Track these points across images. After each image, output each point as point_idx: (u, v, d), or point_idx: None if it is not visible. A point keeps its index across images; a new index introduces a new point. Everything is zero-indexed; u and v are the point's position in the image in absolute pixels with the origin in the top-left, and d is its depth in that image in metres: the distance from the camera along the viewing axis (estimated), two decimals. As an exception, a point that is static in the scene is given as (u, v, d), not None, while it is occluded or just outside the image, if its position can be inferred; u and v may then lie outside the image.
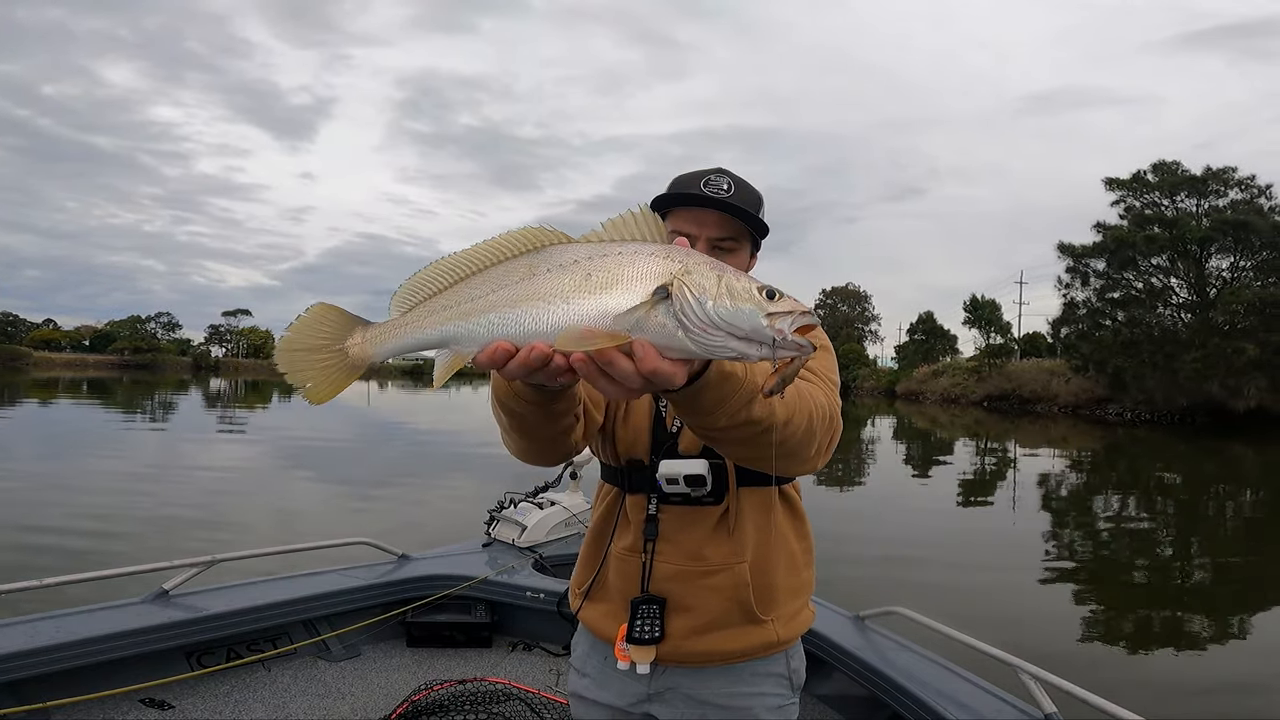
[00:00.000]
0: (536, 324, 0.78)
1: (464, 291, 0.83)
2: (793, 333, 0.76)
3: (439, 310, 0.83)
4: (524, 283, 0.79)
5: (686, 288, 0.76)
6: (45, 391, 35.50)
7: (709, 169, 1.33)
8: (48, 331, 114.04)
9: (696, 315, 0.75)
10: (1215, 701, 4.49)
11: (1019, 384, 42.45)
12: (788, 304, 0.78)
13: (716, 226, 1.30)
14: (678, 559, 1.30)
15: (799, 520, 1.39)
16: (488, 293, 0.81)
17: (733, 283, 0.77)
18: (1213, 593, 7.06)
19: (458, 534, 4.34)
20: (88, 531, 7.29)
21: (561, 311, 0.77)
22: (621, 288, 0.77)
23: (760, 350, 0.77)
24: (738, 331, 0.76)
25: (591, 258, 0.79)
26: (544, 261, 0.80)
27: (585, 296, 0.77)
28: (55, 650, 2.33)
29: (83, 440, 15.78)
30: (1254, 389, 30.07)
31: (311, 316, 0.88)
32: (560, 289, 0.78)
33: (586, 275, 0.77)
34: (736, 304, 0.76)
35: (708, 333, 0.75)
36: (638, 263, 0.78)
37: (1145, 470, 16.98)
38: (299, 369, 0.87)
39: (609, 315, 0.76)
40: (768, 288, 0.79)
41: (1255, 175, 34.03)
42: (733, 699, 1.31)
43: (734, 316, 0.75)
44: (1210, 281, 33.92)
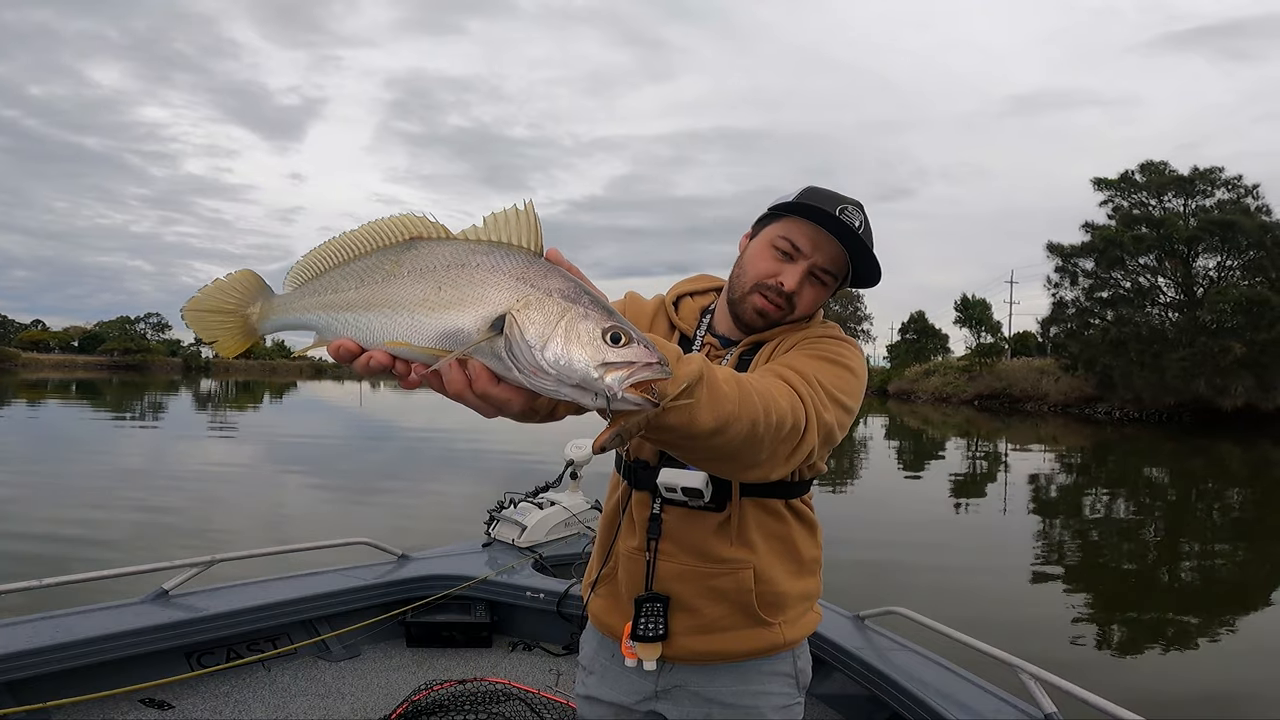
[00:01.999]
0: (382, 332, 0.77)
1: (334, 280, 0.83)
2: (626, 389, 0.71)
3: (311, 294, 0.84)
4: (382, 285, 0.79)
5: (517, 326, 0.72)
6: (34, 393, 35.18)
7: (848, 197, 1.28)
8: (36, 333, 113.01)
9: (525, 358, 0.72)
10: (1210, 699, 4.53)
11: (1009, 383, 42.66)
12: (629, 353, 0.72)
13: (828, 256, 1.27)
14: (681, 559, 1.30)
15: (809, 528, 1.39)
16: (352, 287, 0.81)
17: (576, 323, 0.72)
18: (1202, 590, 7.13)
19: (455, 534, 4.35)
20: (82, 534, 7.23)
21: (405, 324, 0.76)
22: (462, 310, 0.74)
23: (595, 402, 0.73)
24: (568, 380, 0.71)
25: (450, 267, 0.76)
26: (409, 261, 0.79)
27: (428, 313, 0.75)
28: (55, 650, 2.32)
29: (73, 442, 15.64)
30: (1240, 388, 30.35)
31: (230, 280, 0.90)
32: (410, 299, 0.77)
33: (437, 288, 0.76)
34: (569, 350, 0.71)
35: (538, 376, 0.72)
36: (488, 284, 0.74)
37: (1134, 468, 17.10)
38: (206, 326, 0.90)
39: (447, 337, 0.74)
40: (615, 329, 0.73)
41: (1242, 175, 34.40)
42: (739, 697, 1.31)
43: (564, 364, 0.71)
44: (1197, 281, 34.19)
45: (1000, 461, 17.75)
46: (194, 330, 0.91)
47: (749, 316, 1.31)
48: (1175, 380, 30.95)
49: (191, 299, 0.90)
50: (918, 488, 13.08)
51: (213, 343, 0.91)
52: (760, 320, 1.31)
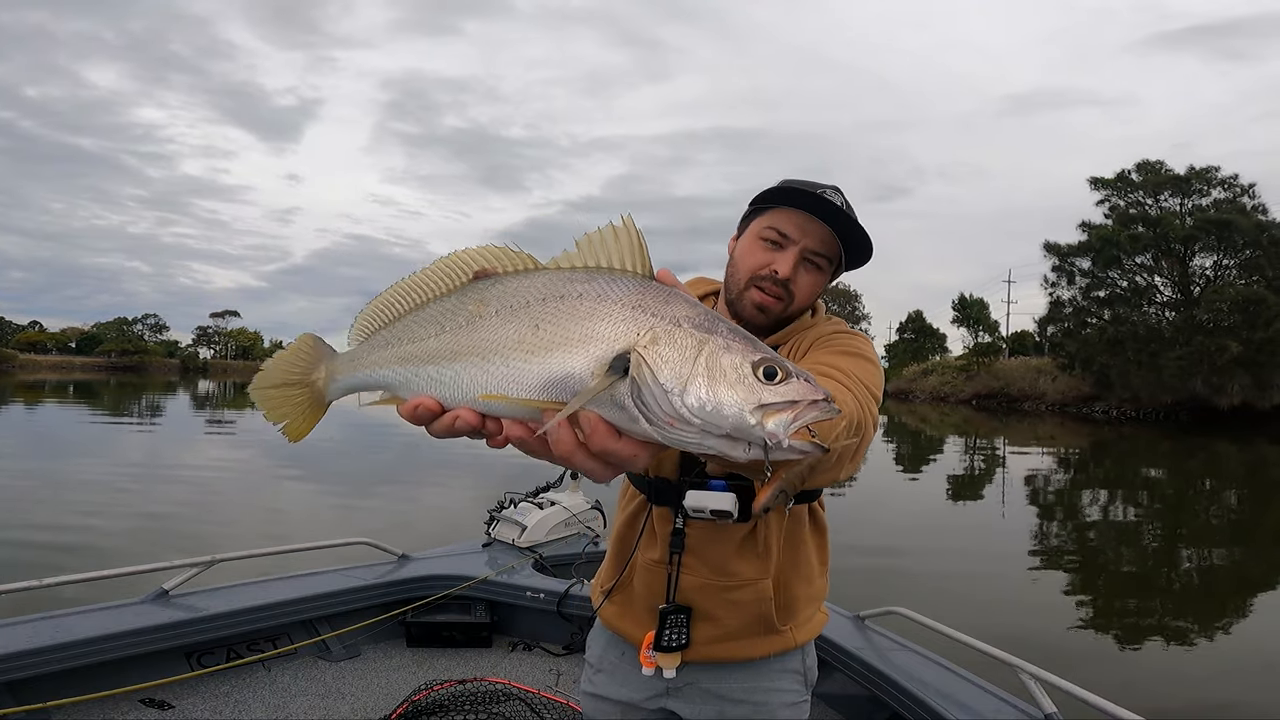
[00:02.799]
0: (471, 385, 0.65)
1: (408, 328, 0.72)
2: (792, 436, 0.60)
3: (382, 346, 0.74)
4: (466, 329, 0.67)
5: (648, 367, 0.59)
6: (32, 394, 35.11)
7: (824, 183, 1.27)
8: (34, 334, 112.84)
9: (660, 406, 0.58)
10: (1209, 697, 4.54)
11: (1007, 382, 42.75)
12: (791, 390, 0.60)
13: (819, 239, 1.24)
14: (703, 573, 1.30)
15: (820, 532, 1.39)
16: (430, 335, 0.70)
17: (717, 357, 0.60)
18: (1200, 589, 7.15)
19: (455, 534, 4.34)
20: (81, 534, 7.21)
21: (499, 374, 0.64)
22: (569, 351, 0.62)
23: (749, 453, 0.60)
24: (715, 429, 0.59)
25: (546, 300, 0.64)
26: (494, 299, 0.67)
27: (527, 358, 0.63)
28: (55, 650, 2.32)
29: (71, 443, 15.62)
30: (1237, 386, 30.44)
31: (290, 351, 0.82)
32: (502, 343, 0.65)
33: (535, 326, 0.63)
34: (716, 391, 0.58)
35: (677, 427, 0.59)
36: (596, 316, 0.62)
37: (1131, 467, 17.13)
38: (274, 405, 0.81)
39: (553, 386, 0.62)
40: (769, 361, 0.61)
41: (1238, 174, 34.51)
42: (750, 694, 1.32)
43: (711, 410, 0.58)
44: (1194, 280, 34.28)
45: (998, 461, 17.78)
46: (264, 412, 0.82)
47: (749, 313, 1.29)
48: (1172, 379, 31.03)
49: (257, 375, 0.82)
50: (916, 487, 13.10)
51: (282, 424, 0.81)
52: (761, 315, 1.29)
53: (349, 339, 0.79)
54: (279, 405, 0.81)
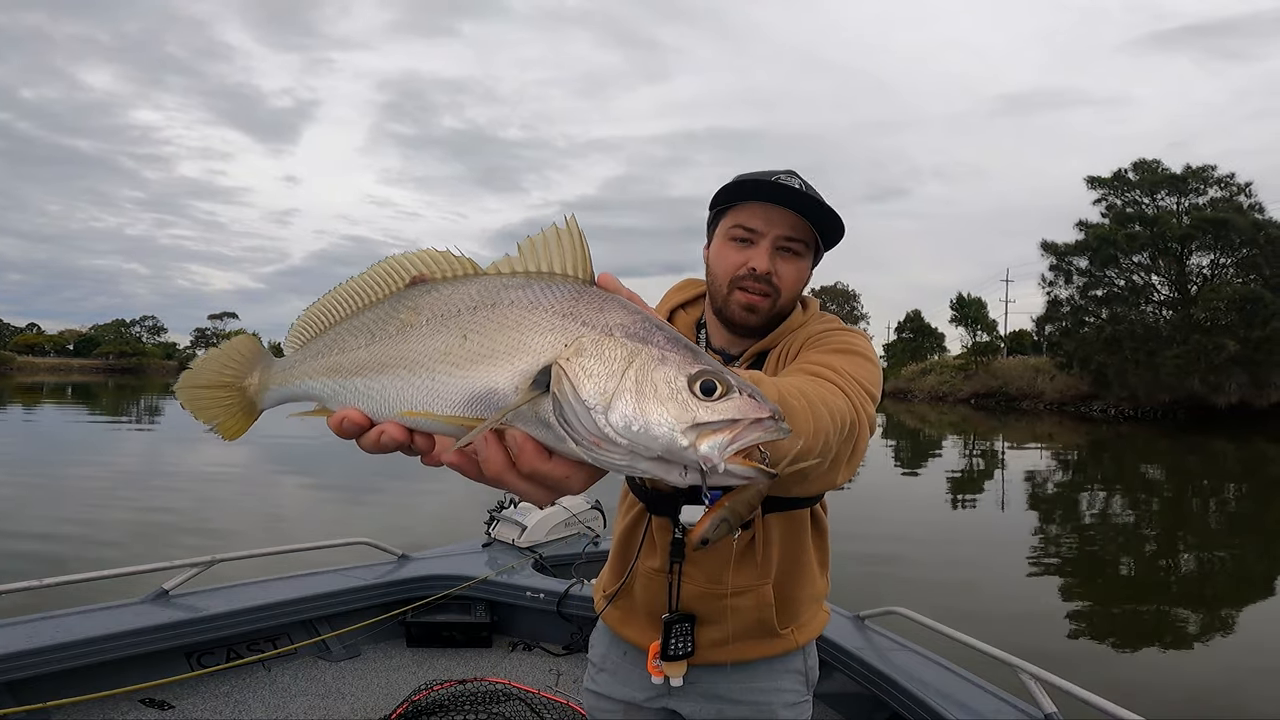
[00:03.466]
0: (397, 399, 0.61)
1: (340, 337, 0.69)
2: (733, 459, 0.53)
3: (314, 356, 0.70)
4: (397, 338, 0.63)
5: (569, 381, 0.54)
6: (30, 396, 35.05)
7: (779, 169, 1.24)
8: (31, 336, 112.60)
9: (583, 425, 0.53)
10: (1207, 695, 4.55)
11: (1005, 381, 42.77)
12: (730, 407, 0.54)
13: (787, 225, 1.21)
14: (704, 581, 1.30)
15: (822, 534, 1.39)
16: (360, 345, 0.66)
17: (649, 370, 0.54)
18: (1199, 587, 7.16)
19: (455, 534, 4.34)
20: (81, 535, 7.22)
21: (424, 387, 0.60)
22: (494, 364, 0.57)
23: (685, 476, 0.54)
24: (645, 451, 0.53)
25: (477, 308, 0.60)
26: (428, 306, 0.63)
27: (451, 370, 0.59)
28: (55, 650, 2.32)
29: (71, 445, 15.59)
30: (1234, 385, 30.49)
31: (224, 351, 0.78)
32: (429, 354, 0.61)
33: (463, 336, 0.59)
34: (644, 409, 0.53)
35: (603, 448, 0.53)
36: (524, 326, 0.58)
37: (1129, 466, 17.15)
38: (202, 406, 0.77)
39: (478, 401, 0.57)
40: (707, 375, 0.55)
41: (1235, 173, 34.57)
42: (751, 694, 1.33)
43: (638, 430, 0.53)
44: (1191, 279, 34.33)
45: (997, 460, 17.80)
46: (190, 412, 0.78)
47: (738, 316, 1.27)
48: (1170, 378, 31.07)
49: (184, 374, 0.78)
50: (915, 487, 13.11)
51: (212, 425, 0.77)
52: (751, 316, 1.26)
53: (284, 345, 0.75)
54: (208, 406, 0.77)
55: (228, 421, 0.77)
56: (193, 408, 0.78)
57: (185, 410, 0.79)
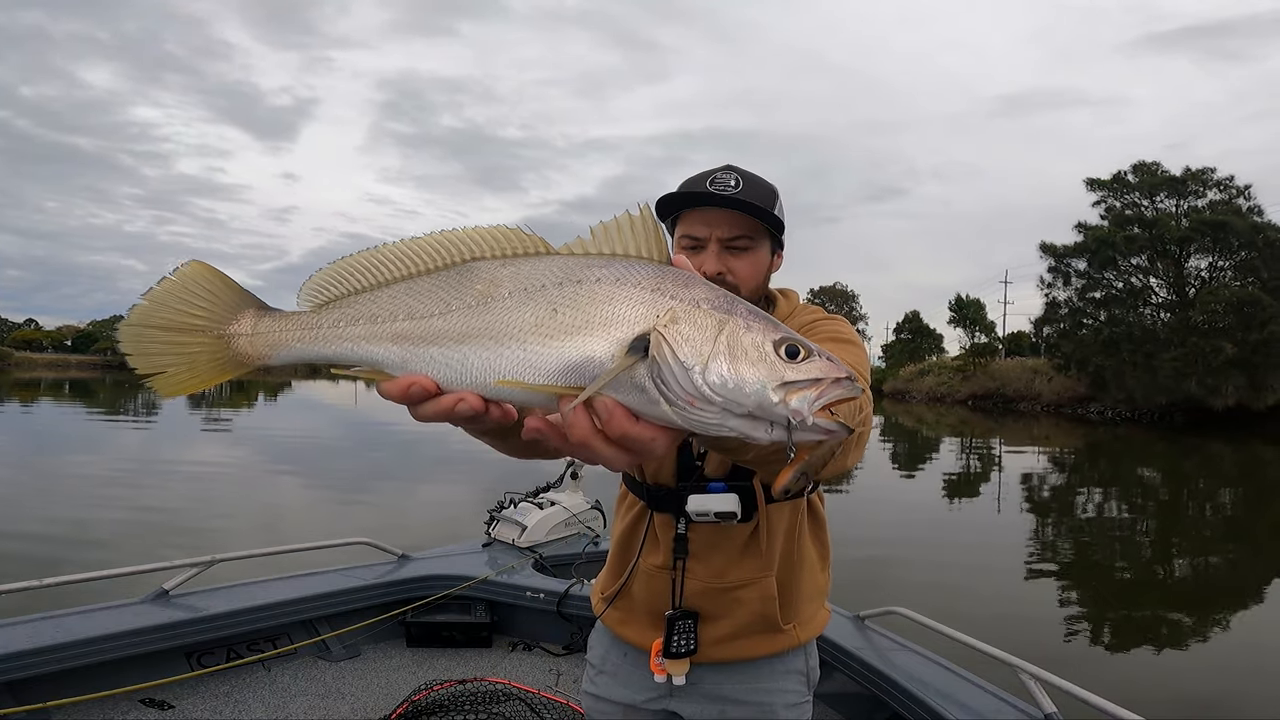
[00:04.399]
0: (482, 369, 0.62)
1: (402, 302, 0.66)
2: (816, 413, 0.58)
3: (367, 320, 0.66)
4: (478, 309, 0.63)
5: (668, 346, 0.58)
6: (28, 392, 34.99)
7: (716, 168, 1.28)
8: (29, 332, 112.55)
9: (680, 385, 0.57)
10: (1205, 695, 4.56)
11: (1003, 383, 42.80)
12: (814, 367, 0.59)
13: (727, 225, 1.24)
14: (707, 576, 1.30)
15: (819, 526, 1.40)
16: (433, 314, 0.64)
17: (738, 336, 0.59)
18: (1195, 589, 7.18)
19: (455, 534, 4.34)
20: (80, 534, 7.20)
21: (515, 358, 0.61)
22: (590, 335, 0.60)
23: (770, 433, 0.59)
24: (737, 408, 0.58)
25: (563, 284, 0.62)
26: (508, 280, 0.64)
27: (545, 342, 0.61)
28: (55, 650, 2.32)
29: (68, 442, 15.57)
30: (1232, 387, 30.50)
31: (184, 283, 0.67)
32: (518, 326, 0.62)
33: (552, 310, 0.61)
34: (738, 369, 0.57)
35: (697, 407, 0.57)
36: (616, 300, 0.61)
37: (1127, 468, 17.18)
38: (152, 351, 0.66)
39: (573, 371, 0.60)
40: (790, 341, 0.60)
41: (1234, 176, 34.61)
42: (752, 695, 1.33)
43: (732, 388, 0.57)
44: (1189, 281, 34.37)
45: (995, 461, 17.82)
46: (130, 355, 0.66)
47: None
48: (1167, 380, 31.10)
49: (136, 310, 0.67)
50: (914, 487, 13.13)
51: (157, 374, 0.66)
52: None
53: (299, 299, 0.69)
54: (160, 353, 0.67)
55: (182, 374, 0.67)
56: (136, 350, 0.66)
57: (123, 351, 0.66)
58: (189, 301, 0.67)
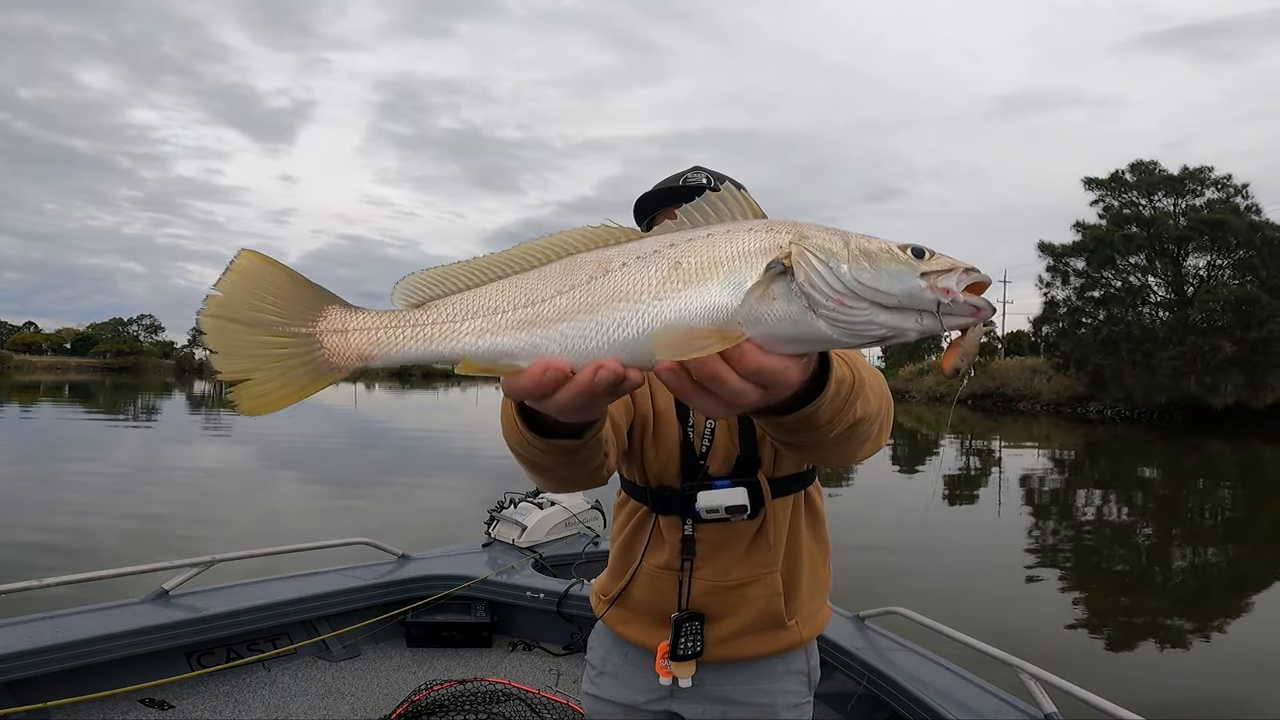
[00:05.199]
0: (622, 331, 0.60)
1: (516, 292, 0.63)
2: (963, 291, 0.60)
3: (484, 314, 0.63)
4: (596, 281, 0.61)
5: (810, 254, 0.59)
6: (27, 395, 34.96)
7: (685, 169, 1.33)
8: (28, 334, 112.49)
9: (829, 286, 0.58)
10: (1203, 694, 4.56)
11: (1002, 382, 42.77)
12: (943, 260, 0.61)
13: None
14: (714, 575, 1.30)
15: (818, 520, 1.40)
16: (551, 295, 0.62)
17: (863, 244, 0.61)
18: (1195, 587, 7.18)
19: (455, 534, 4.34)
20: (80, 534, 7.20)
21: (653, 311, 0.59)
22: (723, 272, 0.59)
23: (921, 321, 0.60)
24: (887, 299, 0.59)
25: (675, 245, 0.62)
26: (617, 256, 0.62)
27: (679, 290, 0.59)
28: (55, 650, 2.32)
29: (69, 444, 15.56)
30: (1230, 386, 30.51)
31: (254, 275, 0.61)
32: (645, 285, 0.60)
33: (675, 264, 0.60)
34: (878, 265, 0.59)
35: (846, 306, 0.58)
36: (736, 240, 0.61)
37: (1126, 467, 17.18)
38: (235, 351, 0.59)
39: (715, 309, 0.59)
40: (913, 245, 0.62)
41: (1231, 175, 34.61)
42: (754, 696, 1.32)
43: (879, 280, 0.59)
44: (1188, 280, 34.36)
45: (994, 460, 17.82)
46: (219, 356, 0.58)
47: None
48: (1166, 379, 31.10)
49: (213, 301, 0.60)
50: (914, 487, 13.12)
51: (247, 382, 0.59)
52: None
53: (394, 298, 0.65)
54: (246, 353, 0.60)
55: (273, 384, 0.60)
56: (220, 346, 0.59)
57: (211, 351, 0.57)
58: (264, 294, 0.61)
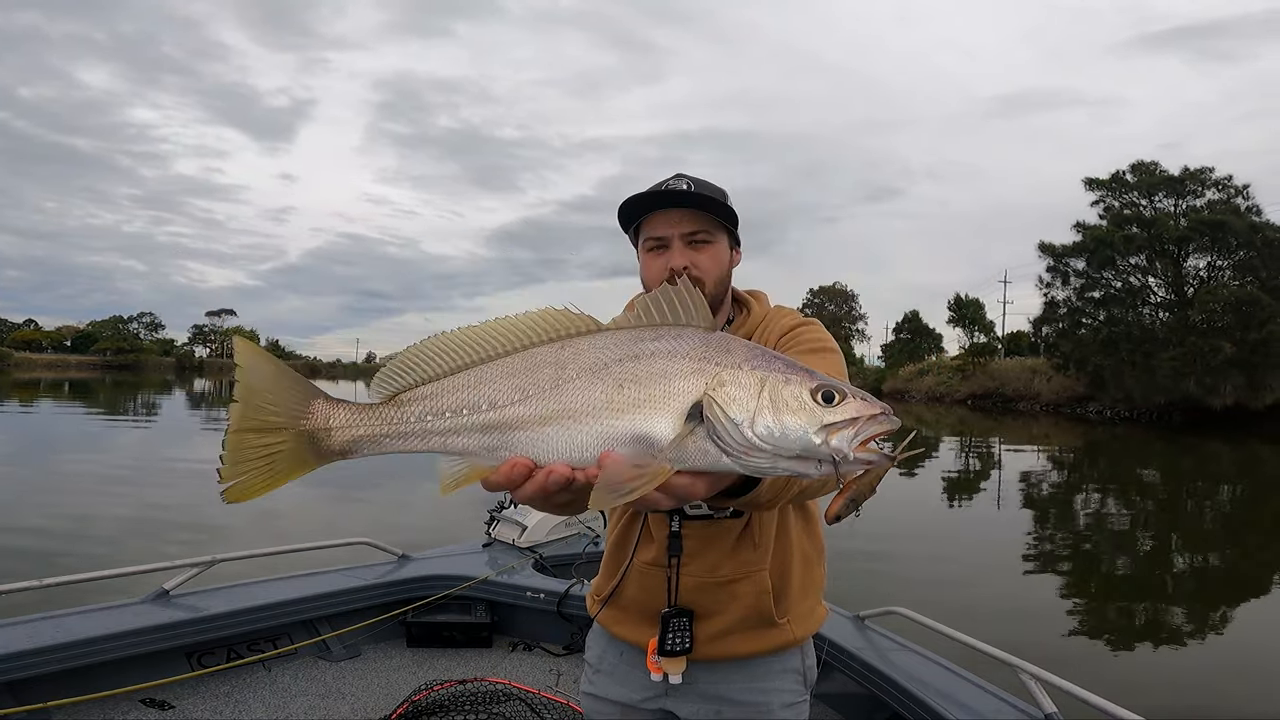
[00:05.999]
0: (569, 449, 0.69)
1: (481, 392, 0.72)
2: (857, 448, 0.66)
3: (451, 413, 0.72)
4: (552, 393, 0.70)
5: (719, 407, 0.66)
6: (27, 393, 34.96)
7: (668, 177, 1.37)
8: (29, 332, 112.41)
9: (734, 439, 0.66)
10: (1203, 694, 4.56)
11: (1002, 382, 42.81)
12: (849, 408, 0.67)
13: (686, 222, 1.32)
14: (701, 572, 1.31)
15: (810, 520, 1.41)
16: (513, 401, 0.71)
17: (778, 389, 0.67)
18: (1194, 587, 7.18)
19: (454, 534, 4.34)
20: (80, 534, 7.20)
21: (594, 433, 0.69)
22: (653, 409, 0.68)
23: (820, 469, 0.66)
24: (785, 452, 0.66)
25: (622, 360, 0.70)
26: (571, 360, 0.71)
27: (617, 416, 0.69)
28: (55, 650, 2.32)
29: (69, 442, 15.56)
30: (1230, 387, 30.52)
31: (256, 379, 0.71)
32: (591, 404, 0.69)
33: (618, 386, 0.69)
34: (781, 419, 0.65)
35: (751, 455, 0.66)
36: (670, 374, 0.69)
37: (1126, 468, 17.19)
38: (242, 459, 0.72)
39: (643, 441, 0.68)
40: (826, 387, 0.68)
41: (1232, 175, 34.59)
42: (749, 694, 1.33)
43: (779, 436, 0.65)
44: (1188, 281, 34.37)
45: (994, 461, 17.82)
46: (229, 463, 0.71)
47: None
48: (1165, 380, 31.10)
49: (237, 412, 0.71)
50: (914, 487, 13.12)
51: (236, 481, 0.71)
52: None
53: (372, 391, 0.75)
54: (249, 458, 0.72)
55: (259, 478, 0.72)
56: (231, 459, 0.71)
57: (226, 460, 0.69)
58: (269, 398, 0.72)
